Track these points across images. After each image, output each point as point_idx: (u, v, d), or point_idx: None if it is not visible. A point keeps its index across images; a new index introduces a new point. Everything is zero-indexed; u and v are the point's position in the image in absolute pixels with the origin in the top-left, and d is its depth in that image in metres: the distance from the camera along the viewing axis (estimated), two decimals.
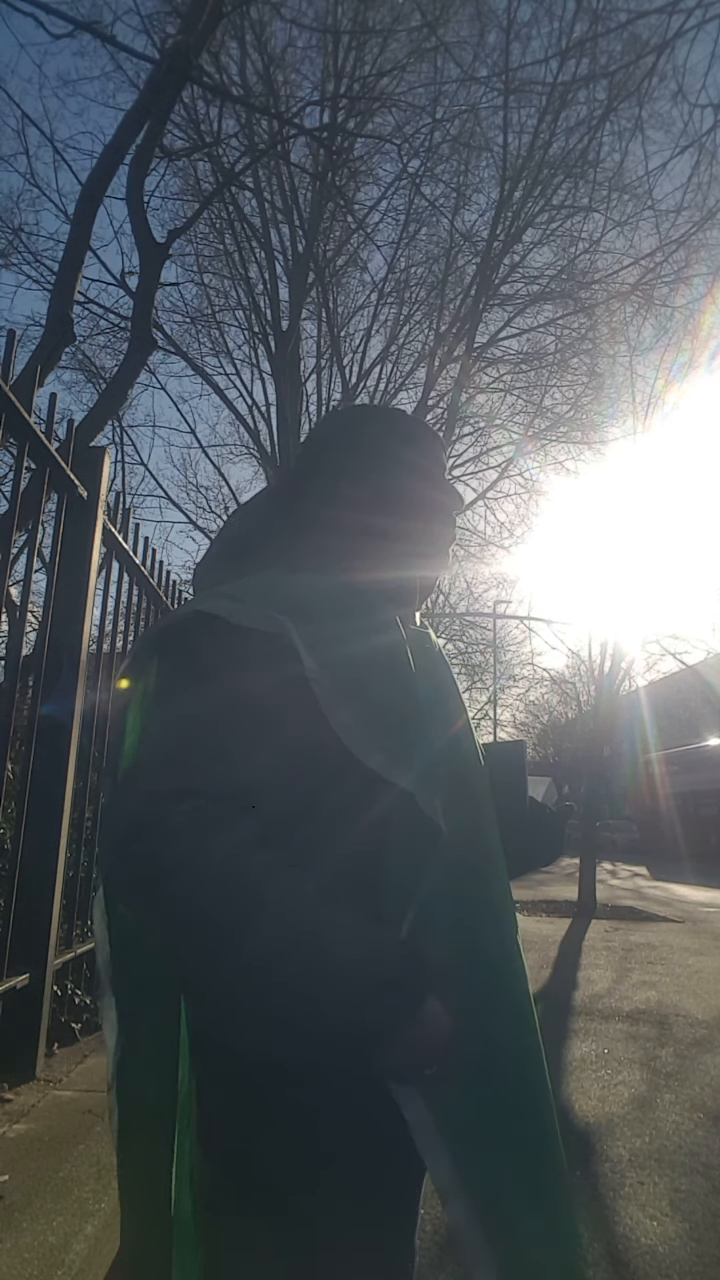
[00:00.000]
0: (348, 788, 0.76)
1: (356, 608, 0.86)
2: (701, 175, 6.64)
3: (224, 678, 0.77)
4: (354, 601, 0.87)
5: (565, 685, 20.56)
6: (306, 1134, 0.74)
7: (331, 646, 0.79)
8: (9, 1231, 1.40)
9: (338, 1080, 0.72)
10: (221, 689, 0.76)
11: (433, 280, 10.84)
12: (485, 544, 13.31)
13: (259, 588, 0.84)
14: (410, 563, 0.98)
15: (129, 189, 5.24)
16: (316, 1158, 0.74)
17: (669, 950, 7.03)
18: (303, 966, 0.65)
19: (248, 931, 0.65)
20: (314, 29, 8.45)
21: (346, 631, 0.82)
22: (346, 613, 0.85)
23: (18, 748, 2.46)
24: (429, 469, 1.02)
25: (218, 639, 0.78)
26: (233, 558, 0.99)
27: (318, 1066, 0.71)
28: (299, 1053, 0.68)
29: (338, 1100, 0.74)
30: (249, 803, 0.71)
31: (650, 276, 9.42)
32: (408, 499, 0.99)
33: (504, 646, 19.04)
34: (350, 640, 0.82)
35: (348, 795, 0.76)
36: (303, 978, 0.65)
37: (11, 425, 2.01)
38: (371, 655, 0.83)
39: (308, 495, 1.01)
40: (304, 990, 0.65)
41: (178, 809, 0.67)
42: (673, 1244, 2.07)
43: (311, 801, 0.76)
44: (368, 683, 0.80)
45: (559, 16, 7.63)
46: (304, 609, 0.81)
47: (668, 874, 18.70)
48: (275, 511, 1.03)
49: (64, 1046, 2.48)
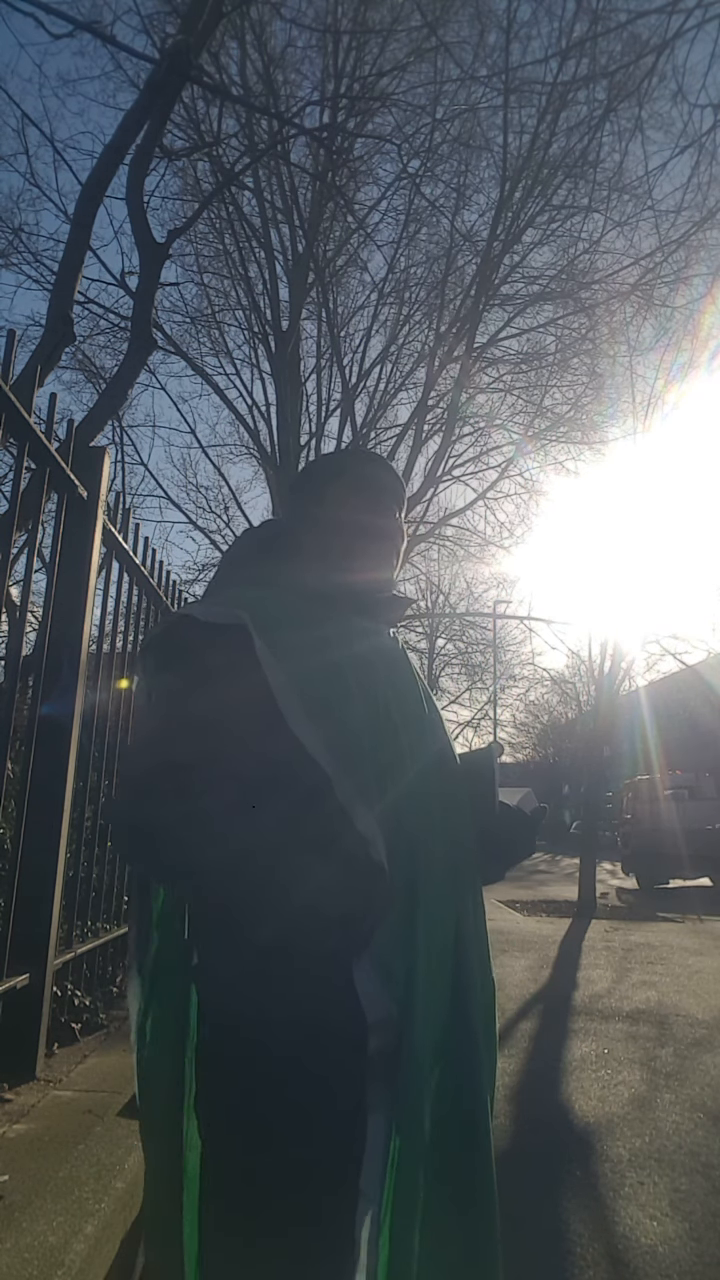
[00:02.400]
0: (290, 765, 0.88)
1: (317, 621, 1.01)
2: (701, 175, 6.64)
3: (196, 668, 0.93)
4: (324, 611, 1.03)
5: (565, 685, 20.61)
6: (293, 1127, 0.86)
7: (303, 656, 0.93)
8: (9, 1231, 1.40)
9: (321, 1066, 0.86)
10: (195, 677, 0.93)
11: (433, 280, 10.84)
12: (485, 544, 13.31)
13: (234, 593, 1.03)
14: (365, 566, 1.13)
15: (129, 189, 5.24)
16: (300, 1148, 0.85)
17: (669, 950, 7.03)
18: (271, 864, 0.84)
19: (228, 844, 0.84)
20: (314, 29, 8.46)
21: (314, 641, 0.97)
22: (315, 622, 1.00)
23: (18, 748, 2.46)
24: (362, 500, 1.14)
25: (186, 635, 0.96)
26: (232, 580, 1.15)
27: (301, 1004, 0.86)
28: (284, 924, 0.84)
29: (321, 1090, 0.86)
30: (225, 770, 0.87)
31: (650, 277, 9.41)
32: (349, 525, 1.13)
33: (504, 646, 19.08)
34: (321, 651, 0.97)
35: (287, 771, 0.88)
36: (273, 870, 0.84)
37: (11, 425, 2.01)
38: (339, 667, 0.97)
39: (287, 525, 1.20)
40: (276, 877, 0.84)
41: (162, 779, 0.87)
42: (673, 1244, 2.07)
43: (265, 770, 0.89)
44: (336, 700, 0.94)
45: (559, 16, 7.65)
46: (272, 615, 0.95)
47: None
48: (266, 542, 1.19)
49: (64, 1046, 2.48)
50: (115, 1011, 2.84)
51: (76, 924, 2.69)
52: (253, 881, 0.84)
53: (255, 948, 0.86)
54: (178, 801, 0.85)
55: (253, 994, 0.88)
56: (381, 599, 1.14)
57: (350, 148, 8.62)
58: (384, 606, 1.15)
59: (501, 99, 8.09)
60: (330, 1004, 0.86)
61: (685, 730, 31.97)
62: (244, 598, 0.99)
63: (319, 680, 0.93)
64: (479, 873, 1.09)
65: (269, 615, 0.95)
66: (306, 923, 0.83)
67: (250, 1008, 0.88)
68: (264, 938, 0.85)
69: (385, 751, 0.95)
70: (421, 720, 1.06)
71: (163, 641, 1.02)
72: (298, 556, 1.13)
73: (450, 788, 1.06)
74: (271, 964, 0.87)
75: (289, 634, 0.94)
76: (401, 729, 0.99)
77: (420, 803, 0.98)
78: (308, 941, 0.84)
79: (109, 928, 3.03)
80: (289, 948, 0.85)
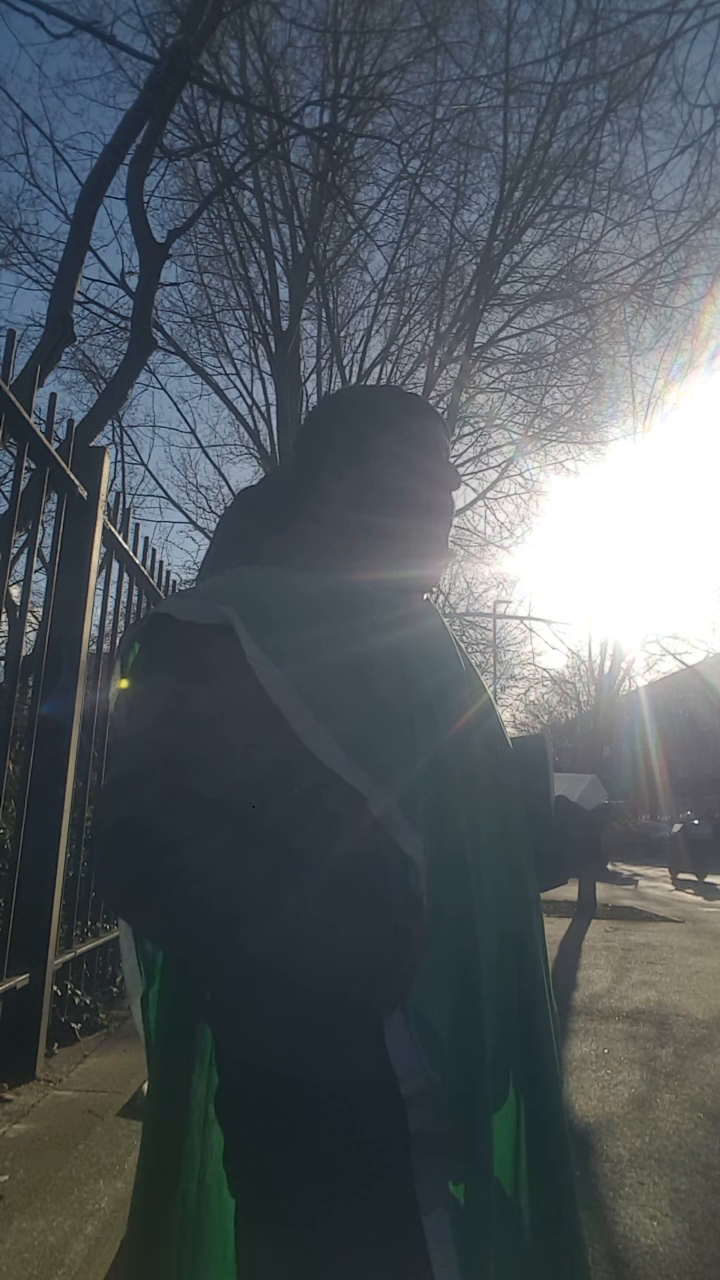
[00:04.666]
0: (311, 791, 0.73)
1: (334, 613, 0.82)
2: (701, 175, 6.66)
3: (175, 676, 0.76)
4: (331, 608, 0.82)
5: (565, 685, 20.60)
6: (318, 1155, 0.72)
7: (304, 656, 0.76)
8: (9, 1231, 1.40)
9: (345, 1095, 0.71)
10: (172, 688, 0.76)
11: (433, 280, 10.85)
12: (485, 544, 13.33)
13: (217, 584, 0.83)
14: (401, 562, 0.91)
15: (129, 189, 5.24)
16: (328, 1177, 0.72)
17: (669, 950, 7.03)
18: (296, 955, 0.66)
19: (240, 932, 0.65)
20: (314, 29, 8.46)
21: (320, 639, 0.78)
22: (322, 619, 0.81)
23: (18, 748, 2.46)
24: (413, 458, 0.93)
25: (167, 638, 0.78)
26: (228, 556, 0.96)
27: (319, 1072, 0.71)
28: (298, 1047, 0.70)
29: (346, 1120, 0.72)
30: (215, 799, 0.71)
31: (650, 277, 9.43)
32: (390, 493, 0.92)
33: (504, 646, 19.03)
34: (325, 649, 0.77)
35: (312, 799, 0.74)
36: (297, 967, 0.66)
37: (11, 425, 2.01)
38: (348, 665, 0.78)
39: (295, 491, 0.97)
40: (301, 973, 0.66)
41: (144, 820, 0.68)
42: (673, 1244, 2.07)
43: (274, 791, 0.74)
44: (342, 696, 0.76)
45: (559, 17, 7.69)
46: (265, 611, 0.78)
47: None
48: (266, 507, 0.99)
49: (64, 1046, 2.48)
50: (115, 1011, 2.84)
51: (76, 924, 2.69)
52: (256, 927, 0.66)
53: (274, 996, 0.71)
54: (156, 856, 0.67)
55: (275, 1046, 0.73)
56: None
57: (350, 148, 8.62)
58: (418, 590, 0.95)
59: (501, 99, 8.11)
60: (365, 1066, 0.70)
61: (685, 730, 32.01)
62: (231, 587, 0.80)
63: (328, 679, 0.76)
64: (538, 883, 0.90)
65: (261, 606, 0.78)
66: (327, 974, 0.66)
67: (274, 1062, 0.73)
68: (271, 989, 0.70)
69: (423, 751, 0.77)
70: (465, 702, 0.86)
71: (139, 644, 0.84)
72: (317, 526, 0.93)
73: (505, 781, 0.88)
74: (295, 1015, 0.71)
75: (290, 630, 0.77)
76: (443, 722, 0.81)
77: (471, 806, 0.80)
78: (329, 994, 0.67)
79: (109, 928, 3.03)
80: (310, 999, 0.69)
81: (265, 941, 0.65)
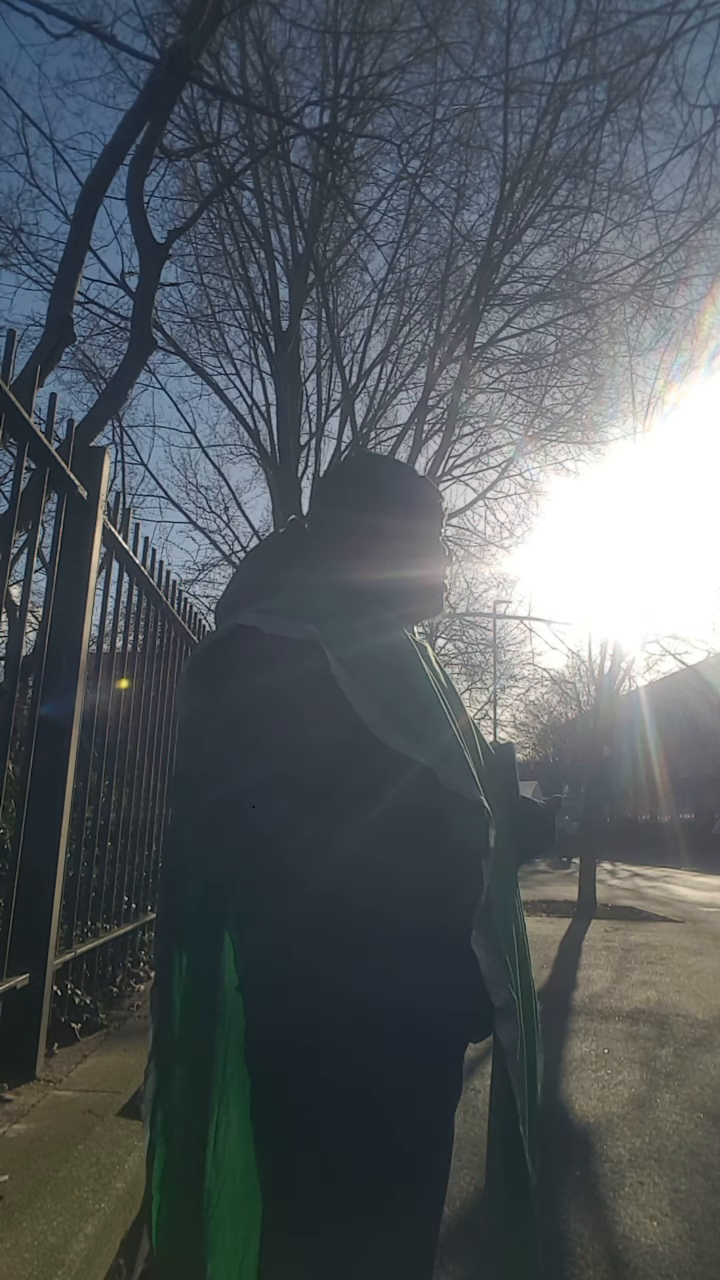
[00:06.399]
0: (375, 766, 0.91)
1: (366, 612, 1.04)
2: (701, 176, 6.64)
3: (264, 679, 0.93)
4: (360, 607, 1.05)
5: (565, 685, 20.60)
6: (342, 1137, 0.88)
7: (349, 643, 0.95)
8: (9, 1231, 1.40)
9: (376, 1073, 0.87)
10: (264, 688, 0.93)
11: (433, 280, 10.86)
12: (485, 544, 13.34)
13: (285, 605, 1.00)
14: (401, 600, 1.14)
15: (129, 189, 5.25)
16: (349, 1158, 0.88)
17: (669, 950, 7.02)
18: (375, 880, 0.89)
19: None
20: (314, 29, 8.46)
21: (360, 629, 0.99)
22: (358, 613, 1.02)
23: (18, 748, 2.46)
24: (398, 533, 1.14)
25: (256, 647, 0.94)
26: (253, 597, 1.11)
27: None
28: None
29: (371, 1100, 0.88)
30: (300, 786, 0.89)
31: (650, 277, 9.42)
32: (378, 562, 1.12)
33: (504, 646, 19.07)
34: (365, 638, 0.99)
35: (376, 772, 0.92)
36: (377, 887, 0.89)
37: (11, 425, 2.01)
38: (386, 651, 1.01)
39: (309, 547, 1.18)
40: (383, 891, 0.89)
41: (236, 801, 0.88)
42: (673, 1244, 2.07)
43: (347, 776, 0.91)
44: (383, 676, 0.97)
45: (559, 17, 7.66)
46: (322, 614, 0.97)
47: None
48: (286, 558, 1.19)
49: (64, 1046, 2.48)
50: (115, 1011, 2.84)
51: (76, 924, 2.69)
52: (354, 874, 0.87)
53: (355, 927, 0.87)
54: (257, 834, 0.87)
55: (348, 979, 0.87)
56: (409, 593, 1.16)
57: (350, 148, 8.63)
58: (408, 600, 1.16)
59: (501, 99, 8.10)
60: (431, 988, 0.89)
61: (685, 730, 31.98)
62: (301, 608, 0.99)
63: (383, 685, 0.96)
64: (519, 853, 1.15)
65: (319, 616, 0.97)
66: (405, 901, 0.88)
67: (340, 998, 0.87)
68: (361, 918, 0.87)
69: (450, 738, 1.00)
70: (455, 706, 1.09)
71: (218, 649, 1.00)
72: (313, 555, 1.16)
73: (487, 778, 1.07)
74: (372, 943, 0.87)
75: (349, 641, 0.96)
76: (453, 720, 1.02)
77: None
78: (407, 919, 0.88)
79: (109, 928, 3.03)
80: (391, 929, 0.88)
81: (364, 889, 0.87)
